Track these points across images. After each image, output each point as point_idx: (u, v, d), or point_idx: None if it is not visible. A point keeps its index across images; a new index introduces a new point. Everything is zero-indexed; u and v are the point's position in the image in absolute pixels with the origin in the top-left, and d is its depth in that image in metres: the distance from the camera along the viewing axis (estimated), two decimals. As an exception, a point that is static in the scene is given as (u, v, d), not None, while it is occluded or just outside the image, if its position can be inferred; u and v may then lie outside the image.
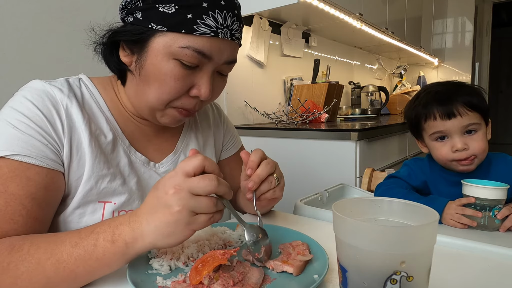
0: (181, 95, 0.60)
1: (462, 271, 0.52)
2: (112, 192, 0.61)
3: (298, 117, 1.84)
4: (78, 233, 0.47)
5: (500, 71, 5.50)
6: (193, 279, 0.44)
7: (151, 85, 0.59)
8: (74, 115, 0.58)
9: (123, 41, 0.60)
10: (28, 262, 0.45)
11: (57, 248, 0.46)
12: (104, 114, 0.64)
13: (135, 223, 0.46)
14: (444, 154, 0.77)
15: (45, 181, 0.54)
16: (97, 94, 0.65)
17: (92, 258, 0.45)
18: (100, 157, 0.60)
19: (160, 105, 0.61)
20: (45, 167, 0.54)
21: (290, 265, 0.48)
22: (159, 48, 0.56)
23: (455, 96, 0.75)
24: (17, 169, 0.52)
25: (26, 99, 0.56)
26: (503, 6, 4.67)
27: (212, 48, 0.57)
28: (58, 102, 0.57)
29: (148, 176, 0.67)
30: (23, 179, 0.52)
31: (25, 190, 0.52)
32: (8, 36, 1.04)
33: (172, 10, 0.54)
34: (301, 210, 0.81)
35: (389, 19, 2.49)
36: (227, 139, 0.87)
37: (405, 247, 0.32)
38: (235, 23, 0.59)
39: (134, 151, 0.66)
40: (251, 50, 1.91)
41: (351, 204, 0.41)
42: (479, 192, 0.68)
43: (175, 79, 0.57)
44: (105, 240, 0.46)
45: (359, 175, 1.40)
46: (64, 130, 0.56)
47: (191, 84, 0.60)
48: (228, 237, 0.61)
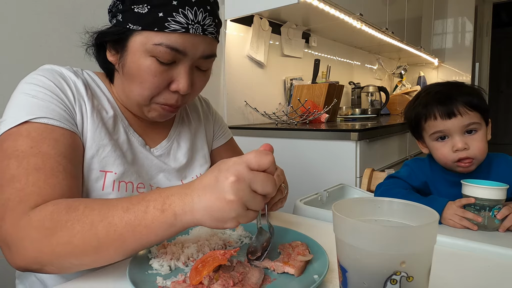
0: (162, 91, 0.63)
1: (462, 271, 0.52)
2: (113, 161, 0.63)
3: (298, 117, 1.84)
4: (129, 199, 0.48)
5: (500, 71, 5.50)
6: (193, 279, 0.44)
7: (133, 82, 0.62)
8: (81, 89, 0.63)
9: (109, 42, 0.64)
10: (83, 223, 0.46)
11: (109, 212, 0.47)
12: (105, 95, 0.68)
13: (186, 197, 0.45)
14: (445, 154, 0.77)
15: (70, 141, 0.58)
16: (99, 80, 0.69)
17: (142, 225, 0.45)
18: (102, 128, 0.63)
19: (144, 101, 0.64)
20: (68, 129, 0.58)
21: (291, 266, 0.48)
22: (136, 47, 0.60)
23: (455, 96, 0.75)
24: (44, 131, 0.55)
25: (38, 74, 0.60)
26: (503, 6, 4.68)
27: (185, 43, 0.59)
28: (67, 77, 0.63)
29: (144, 156, 0.70)
30: (51, 140, 0.55)
31: (56, 150, 0.55)
32: (8, 36, 1.04)
33: (145, 10, 0.58)
34: (301, 210, 0.81)
35: (389, 19, 2.49)
36: (217, 129, 0.90)
37: (405, 247, 0.32)
38: (208, 19, 0.60)
39: (133, 131, 0.70)
40: (251, 50, 1.91)
41: (351, 204, 0.41)
42: (479, 192, 0.68)
43: (153, 75, 0.60)
44: (155, 208, 0.46)
45: (359, 175, 1.40)
46: (75, 99, 0.61)
47: (170, 79, 0.62)
48: (228, 237, 0.61)
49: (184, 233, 0.61)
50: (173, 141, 0.77)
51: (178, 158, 0.76)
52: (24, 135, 0.54)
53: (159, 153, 0.73)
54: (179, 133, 0.79)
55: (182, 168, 0.76)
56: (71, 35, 1.17)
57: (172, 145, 0.76)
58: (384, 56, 3.64)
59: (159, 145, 0.74)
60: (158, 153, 0.73)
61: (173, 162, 0.75)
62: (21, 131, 0.54)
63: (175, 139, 0.77)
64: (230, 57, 1.82)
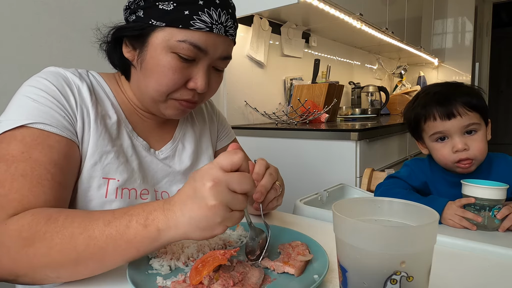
0: (179, 88, 0.63)
1: (462, 271, 0.52)
2: (116, 168, 0.63)
3: (298, 117, 1.84)
4: (112, 212, 0.47)
5: (500, 71, 5.50)
6: (193, 279, 0.44)
7: (151, 78, 0.62)
8: (84, 94, 0.62)
9: (126, 38, 0.64)
10: (62, 235, 0.45)
11: (90, 224, 0.46)
12: (109, 99, 0.68)
13: (169, 212, 0.45)
14: (445, 155, 0.77)
15: (65, 150, 0.57)
16: (104, 83, 0.69)
17: (123, 239, 0.45)
18: (105, 135, 0.63)
19: (160, 97, 0.64)
20: (64, 136, 0.57)
21: (291, 266, 0.48)
22: (158, 42, 0.60)
23: (454, 97, 0.75)
24: (39, 137, 0.55)
25: (42, 77, 0.60)
26: (503, 6, 4.68)
27: (207, 42, 0.61)
28: (71, 81, 0.62)
29: (149, 160, 0.70)
30: (45, 146, 0.55)
31: (48, 157, 0.54)
32: (8, 36, 1.04)
33: (170, 7, 0.59)
34: (301, 210, 0.81)
35: (389, 19, 2.49)
36: (221, 130, 0.90)
37: (405, 247, 0.32)
38: (229, 21, 0.63)
39: (136, 136, 0.70)
40: (251, 50, 1.91)
41: (351, 204, 0.41)
42: (479, 192, 0.68)
43: (172, 71, 0.61)
44: (138, 223, 0.45)
45: (359, 175, 1.40)
46: (77, 106, 0.61)
47: (188, 77, 0.63)
48: (228, 237, 0.61)
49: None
50: (178, 142, 0.77)
51: (183, 160, 0.76)
52: (18, 139, 0.53)
53: (164, 155, 0.73)
54: (183, 134, 0.79)
55: (187, 170, 0.75)
56: (71, 35, 1.17)
57: (177, 147, 0.76)
58: (384, 56, 3.64)
59: (164, 147, 0.74)
60: (163, 155, 0.73)
61: (178, 164, 0.75)
62: (16, 135, 0.54)
63: (179, 141, 0.77)
64: (230, 57, 1.82)
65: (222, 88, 1.82)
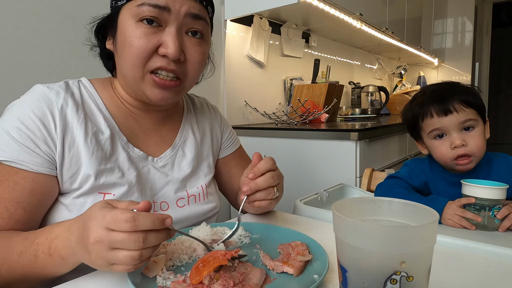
0: (151, 55, 0.61)
1: (462, 271, 0.52)
2: (112, 184, 0.63)
3: (298, 117, 1.84)
4: (24, 242, 0.52)
5: (500, 71, 5.50)
6: (193, 278, 0.44)
7: (124, 53, 0.62)
8: (69, 115, 0.62)
9: (108, 31, 0.67)
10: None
11: (8, 256, 0.52)
12: (102, 113, 0.67)
13: (67, 240, 0.48)
14: (443, 152, 0.77)
15: (31, 186, 0.58)
16: (95, 94, 0.68)
17: (37, 267, 0.51)
18: (97, 153, 0.63)
19: (137, 72, 0.62)
20: (32, 172, 0.58)
21: (290, 266, 0.48)
22: (124, 18, 0.62)
23: (450, 94, 0.77)
24: (8, 174, 0.57)
25: (25, 104, 0.61)
26: (503, 6, 4.67)
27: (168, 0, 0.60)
28: (54, 104, 0.61)
29: (147, 170, 0.69)
30: (11, 183, 0.57)
31: (10, 194, 0.56)
32: (8, 36, 1.04)
33: None
34: (301, 210, 0.81)
35: (389, 19, 2.49)
36: (226, 138, 0.88)
37: (405, 247, 0.32)
38: None
39: (132, 147, 0.68)
40: (251, 50, 1.91)
41: (351, 204, 0.41)
42: (479, 192, 0.68)
43: (138, 38, 0.60)
44: (43, 252, 0.50)
45: (359, 175, 1.40)
46: (57, 131, 0.60)
47: (158, 43, 0.61)
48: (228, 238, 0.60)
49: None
50: (178, 149, 0.75)
51: (183, 168, 0.74)
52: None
53: (163, 163, 0.72)
54: (184, 141, 0.77)
55: (186, 178, 0.74)
56: (71, 35, 1.17)
57: (176, 154, 0.75)
58: (384, 56, 3.64)
59: (164, 154, 0.72)
60: (161, 163, 0.71)
61: (177, 172, 0.73)
62: None
63: (180, 147, 0.76)
64: (230, 57, 1.82)
65: (222, 88, 1.83)
